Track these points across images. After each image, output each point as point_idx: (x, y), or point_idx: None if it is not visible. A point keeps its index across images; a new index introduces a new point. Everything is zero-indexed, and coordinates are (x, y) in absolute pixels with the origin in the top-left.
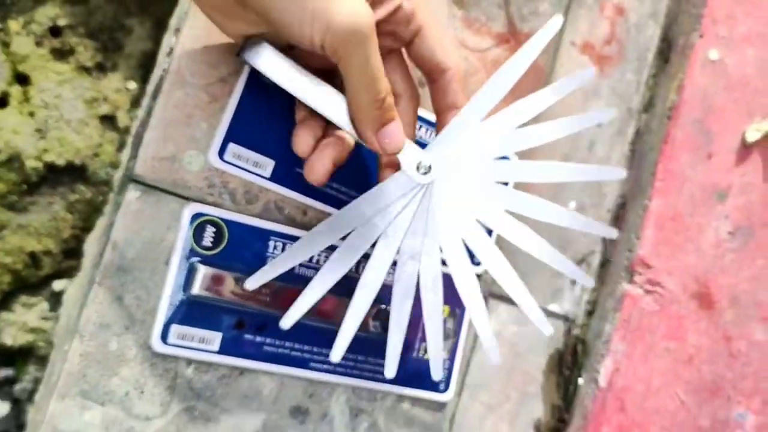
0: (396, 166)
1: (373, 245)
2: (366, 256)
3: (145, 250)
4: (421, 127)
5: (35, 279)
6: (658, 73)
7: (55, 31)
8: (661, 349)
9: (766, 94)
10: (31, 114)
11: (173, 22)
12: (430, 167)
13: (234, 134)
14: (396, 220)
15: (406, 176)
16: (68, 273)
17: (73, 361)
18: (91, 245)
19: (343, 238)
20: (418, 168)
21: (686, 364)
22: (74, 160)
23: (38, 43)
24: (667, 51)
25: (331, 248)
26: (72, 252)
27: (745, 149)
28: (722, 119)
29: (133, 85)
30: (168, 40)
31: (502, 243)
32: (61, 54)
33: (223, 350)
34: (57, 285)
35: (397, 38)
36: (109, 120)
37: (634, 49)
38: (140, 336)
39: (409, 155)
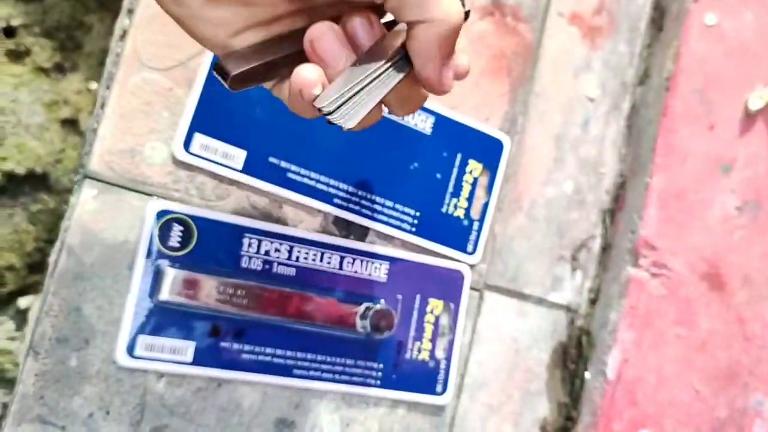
0: None
1: None
2: None
3: (105, 254)
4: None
5: None
6: (652, 43)
7: (8, 32)
8: (672, 336)
9: None
10: None
11: (126, 3)
12: None
13: (200, 123)
14: None
15: None
16: (34, 288)
17: (28, 382)
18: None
19: None
20: None
21: (699, 351)
22: (35, 167)
23: None
24: (660, 19)
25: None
26: (37, 266)
27: (749, 118)
28: (723, 88)
29: (95, 86)
30: (121, 22)
31: (499, 227)
32: (17, 55)
33: (197, 360)
34: (22, 302)
35: None
36: (70, 123)
37: (626, 18)
38: (103, 350)
39: None
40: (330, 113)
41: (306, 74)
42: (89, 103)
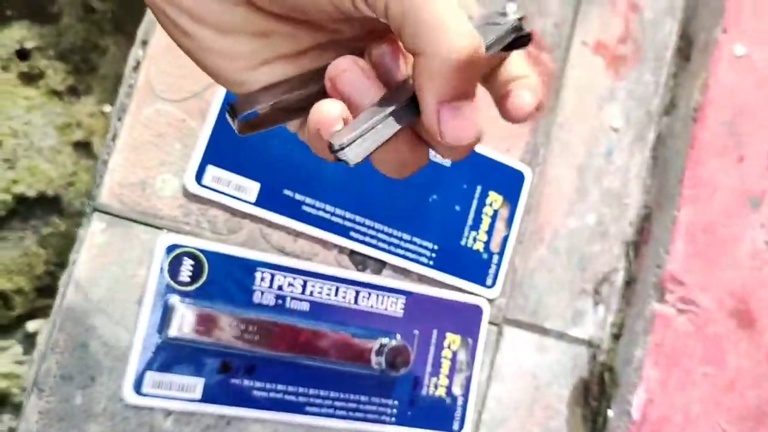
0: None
1: None
2: None
3: (114, 288)
4: None
5: (7, 320)
6: (678, 73)
7: (22, 54)
8: (699, 375)
9: None
10: None
11: (140, 32)
12: None
13: (213, 155)
14: None
15: None
16: (42, 312)
17: (31, 420)
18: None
19: None
20: None
21: (727, 390)
22: (46, 190)
23: (5, 68)
24: (687, 48)
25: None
26: (46, 289)
27: None
28: (753, 119)
29: (108, 108)
30: (134, 53)
31: (519, 260)
32: (30, 78)
33: (206, 397)
34: (31, 326)
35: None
36: (83, 146)
37: (651, 47)
38: (109, 387)
39: None
40: (339, 149)
41: (325, 110)
42: (102, 126)
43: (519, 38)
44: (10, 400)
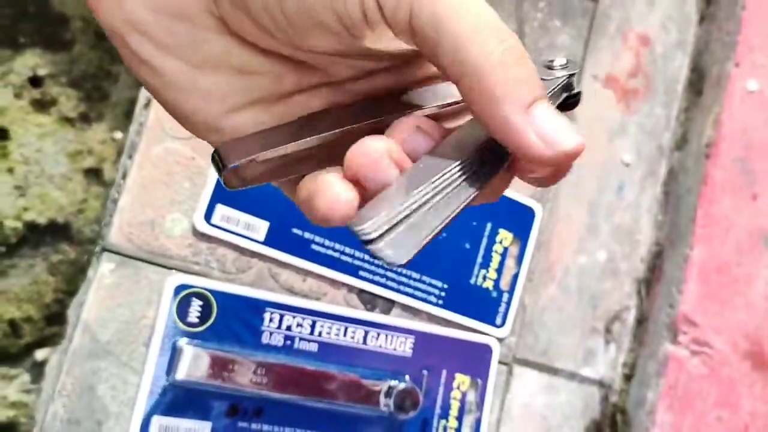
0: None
1: None
2: None
3: (122, 330)
4: None
5: (15, 349)
6: (690, 107)
7: (35, 81)
8: (713, 419)
9: None
10: (10, 170)
11: None
12: None
13: (222, 194)
14: None
15: None
16: (51, 341)
17: None
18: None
19: None
20: None
21: None
22: (57, 218)
23: (17, 95)
24: (698, 82)
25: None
26: (55, 318)
27: None
28: (766, 156)
29: (119, 135)
30: (145, 91)
31: (529, 299)
32: (42, 105)
33: None
34: (39, 354)
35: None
36: (94, 173)
37: (662, 81)
38: None
39: None
40: (372, 241)
41: (335, 191)
42: (113, 153)
43: (568, 98)
44: (18, 429)
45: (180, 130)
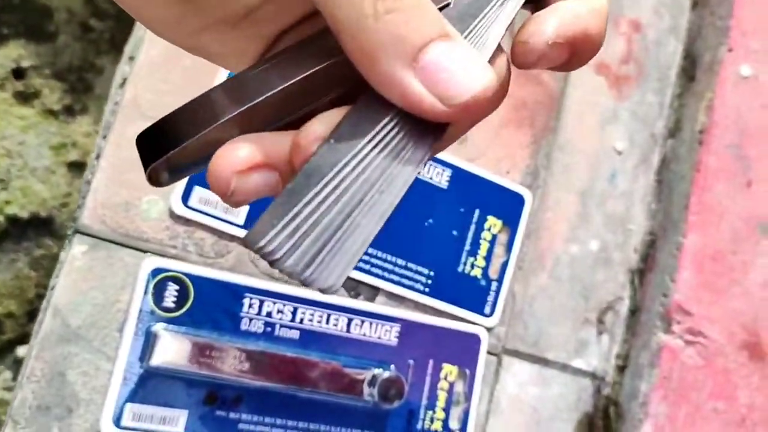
0: None
1: None
2: None
3: (94, 315)
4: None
5: None
6: (683, 94)
7: (18, 73)
8: (709, 410)
9: None
10: None
11: (128, 48)
12: None
13: (200, 176)
14: None
15: None
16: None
17: None
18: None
19: None
20: None
21: (738, 427)
22: (39, 211)
23: (0, 87)
24: (691, 68)
25: None
26: (37, 313)
27: None
28: (760, 142)
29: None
30: (121, 69)
31: (519, 288)
32: (25, 97)
33: (189, 431)
34: (21, 351)
35: None
36: (78, 167)
37: (655, 67)
38: (87, 419)
39: None
40: (277, 261)
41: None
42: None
43: None
44: None
45: (157, 109)
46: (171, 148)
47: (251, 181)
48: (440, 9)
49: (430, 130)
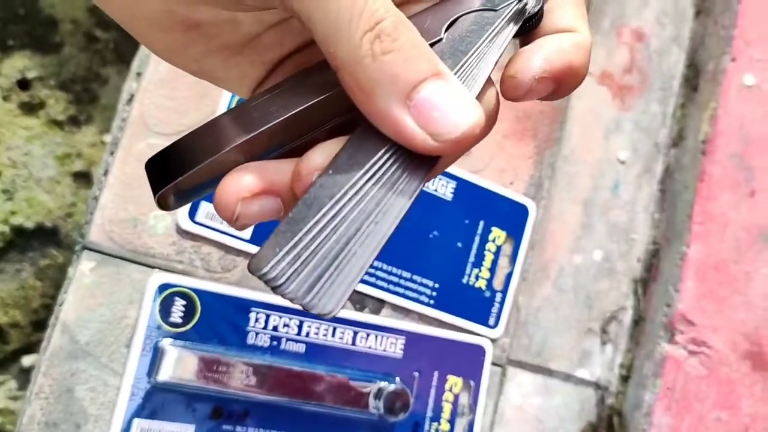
0: None
1: None
2: None
3: (102, 331)
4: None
5: (2, 355)
6: (686, 103)
7: (23, 84)
8: (712, 420)
9: None
10: None
11: (135, 65)
12: None
13: None
14: None
15: None
16: (38, 347)
17: None
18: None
19: None
20: None
21: None
22: (45, 221)
23: (5, 98)
24: (694, 78)
25: None
26: (42, 323)
27: None
28: (764, 151)
29: (109, 138)
30: (128, 86)
31: (523, 299)
32: (31, 108)
33: None
34: (26, 360)
35: None
36: (83, 177)
37: (658, 77)
38: None
39: None
40: (280, 286)
41: (239, 173)
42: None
43: (526, 21)
44: None
45: (164, 125)
46: (180, 174)
47: (255, 206)
48: (433, 44)
49: (423, 162)
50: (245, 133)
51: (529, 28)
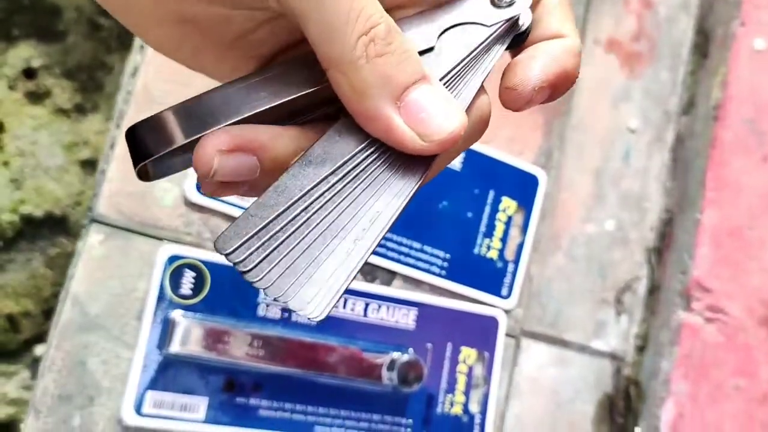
0: None
1: None
2: None
3: (113, 303)
4: None
5: (14, 344)
6: (696, 70)
7: (29, 73)
8: (731, 388)
9: None
10: (6, 163)
11: (138, 39)
12: None
13: None
14: None
15: None
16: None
17: None
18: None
19: None
20: None
21: (761, 404)
22: (53, 210)
23: (11, 87)
24: (704, 44)
25: None
26: (53, 312)
27: None
28: None
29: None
30: (133, 58)
31: (536, 269)
32: (37, 97)
33: (210, 418)
34: (38, 350)
35: None
36: (90, 165)
37: (667, 44)
38: (108, 407)
39: None
40: (246, 271)
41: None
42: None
43: (516, 37)
44: (18, 427)
45: (169, 97)
46: (162, 149)
47: (232, 161)
48: (424, 52)
49: (415, 164)
50: (233, 114)
51: (520, 41)
